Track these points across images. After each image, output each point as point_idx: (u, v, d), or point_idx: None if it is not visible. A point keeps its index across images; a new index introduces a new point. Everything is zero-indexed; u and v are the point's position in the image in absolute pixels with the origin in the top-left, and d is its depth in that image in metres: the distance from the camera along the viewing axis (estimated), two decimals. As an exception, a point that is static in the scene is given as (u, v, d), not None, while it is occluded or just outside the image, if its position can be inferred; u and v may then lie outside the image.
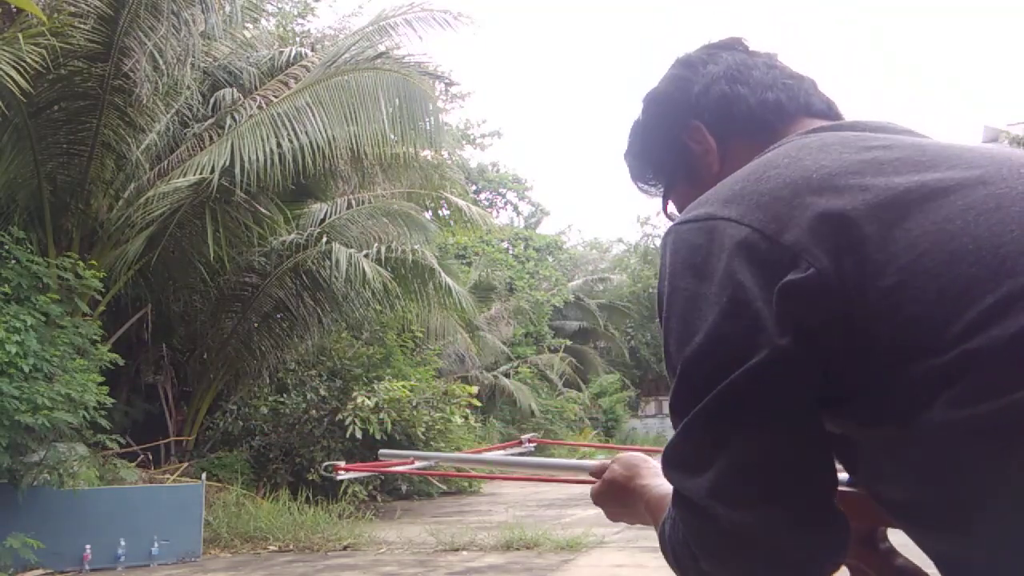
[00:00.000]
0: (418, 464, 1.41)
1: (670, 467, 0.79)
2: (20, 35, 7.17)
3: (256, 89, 10.45)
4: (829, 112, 0.99)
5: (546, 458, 1.54)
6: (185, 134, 10.22)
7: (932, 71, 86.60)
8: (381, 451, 1.45)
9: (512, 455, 1.56)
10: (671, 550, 0.82)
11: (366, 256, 10.21)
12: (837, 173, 0.76)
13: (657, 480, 1.00)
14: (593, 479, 1.13)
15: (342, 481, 10.94)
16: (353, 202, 11.65)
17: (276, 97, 9.94)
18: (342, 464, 1.26)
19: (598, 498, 1.11)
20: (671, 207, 1.11)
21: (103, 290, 8.62)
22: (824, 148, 0.82)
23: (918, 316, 0.66)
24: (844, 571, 0.86)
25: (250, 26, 12.66)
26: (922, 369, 0.65)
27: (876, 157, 0.78)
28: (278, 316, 11.06)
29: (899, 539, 0.82)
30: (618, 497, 1.07)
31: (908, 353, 0.66)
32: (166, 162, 9.78)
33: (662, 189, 1.11)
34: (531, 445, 1.47)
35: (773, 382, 0.71)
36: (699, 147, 1.02)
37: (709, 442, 0.74)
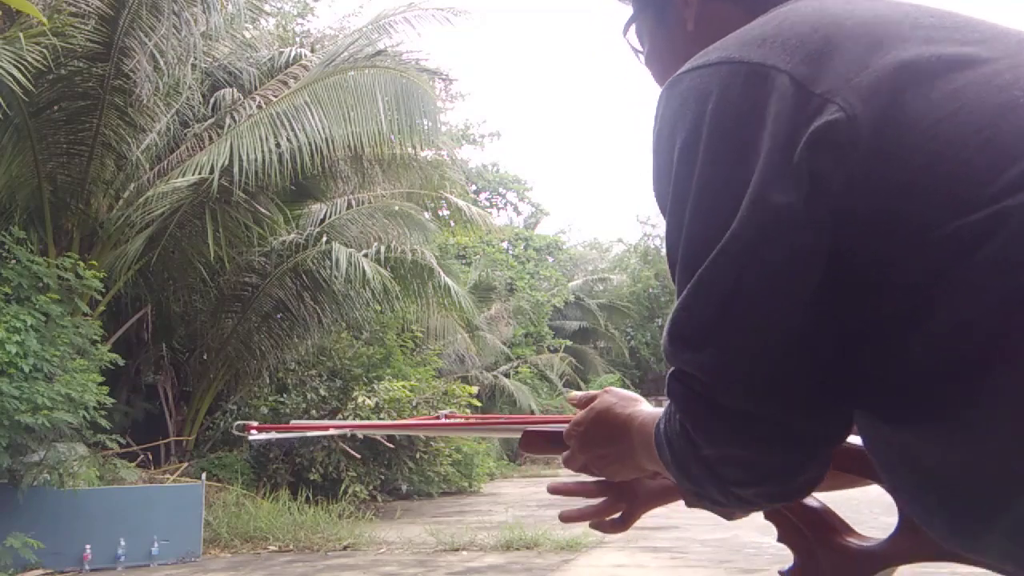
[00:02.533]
0: (333, 431, 1.40)
1: (670, 338, 0.70)
2: (21, 34, 7.18)
3: (256, 89, 10.47)
4: None
5: (464, 423, 1.52)
6: (185, 134, 10.23)
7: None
8: (293, 422, 1.44)
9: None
10: (667, 447, 0.74)
11: (366, 256, 10.22)
12: (871, 22, 0.69)
13: (652, 409, 0.88)
14: (572, 414, 0.99)
15: (342, 481, 10.96)
16: (353, 202, 11.66)
17: (275, 97, 9.94)
18: (255, 424, 1.23)
19: (581, 429, 0.95)
20: (631, 35, 1.00)
21: (103, 290, 8.61)
22: (850, 0, 0.74)
23: (955, 171, 0.60)
24: (758, 515, 0.82)
25: (250, 26, 12.66)
26: (954, 227, 0.58)
27: (910, 12, 0.71)
28: (278, 316, 11.06)
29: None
30: (608, 423, 0.91)
31: (941, 210, 0.59)
32: (166, 162, 9.78)
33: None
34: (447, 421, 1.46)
35: (784, 245, 0.64)
36: None
37: (711, 312, 0.67)
